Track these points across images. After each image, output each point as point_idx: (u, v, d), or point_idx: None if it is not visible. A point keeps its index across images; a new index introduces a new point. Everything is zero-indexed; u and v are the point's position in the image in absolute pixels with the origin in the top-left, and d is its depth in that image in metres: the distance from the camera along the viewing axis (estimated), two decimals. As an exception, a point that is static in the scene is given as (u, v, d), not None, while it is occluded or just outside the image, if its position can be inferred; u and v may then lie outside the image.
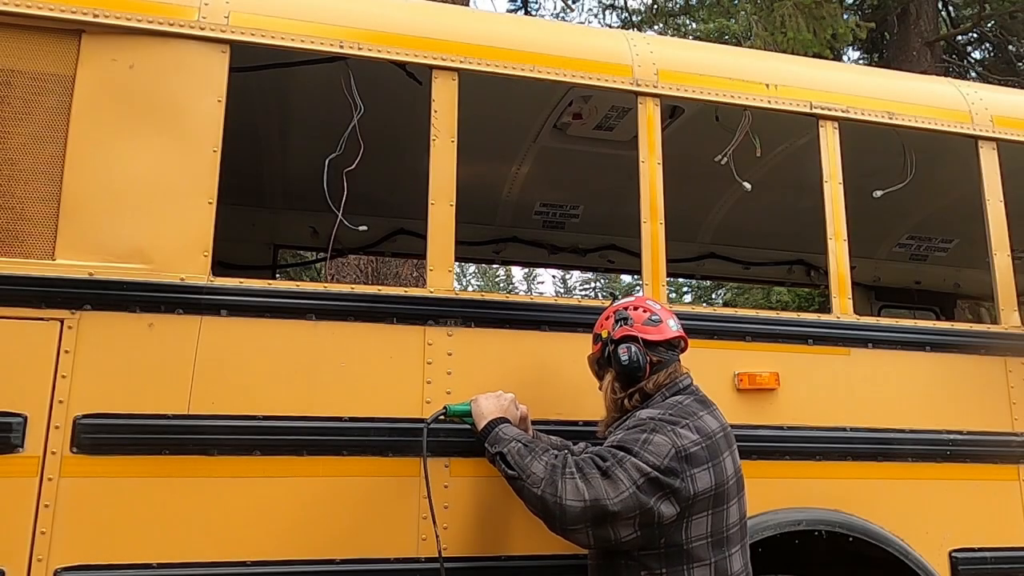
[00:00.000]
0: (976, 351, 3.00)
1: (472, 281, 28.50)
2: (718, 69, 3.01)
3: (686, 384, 2.26)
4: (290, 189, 4.20)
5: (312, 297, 2.45)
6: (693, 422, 2.11)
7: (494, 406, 2.25)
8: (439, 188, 2.59)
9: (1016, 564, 2.86)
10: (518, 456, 2.09)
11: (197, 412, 2.28)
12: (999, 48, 12.85)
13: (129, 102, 2.42)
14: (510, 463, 2.09)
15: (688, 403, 2.18)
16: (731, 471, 2.12)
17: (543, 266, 5.19)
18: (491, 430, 2.18)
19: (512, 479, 2.10)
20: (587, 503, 1.98)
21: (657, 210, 2.77)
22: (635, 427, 2.11)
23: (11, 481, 2.14)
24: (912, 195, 3.59)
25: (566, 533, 2.04)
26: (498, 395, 2.29)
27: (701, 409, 2.18)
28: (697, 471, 2.04)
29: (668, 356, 2.27)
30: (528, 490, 2.05)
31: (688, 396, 2.22)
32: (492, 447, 2.15)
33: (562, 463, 2.06)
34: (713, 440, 2.11)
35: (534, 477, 2.04)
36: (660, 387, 2.23)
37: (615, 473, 2.00)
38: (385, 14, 2.73)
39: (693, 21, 12.70)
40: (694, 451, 2.05)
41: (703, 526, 2.05)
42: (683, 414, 2.13)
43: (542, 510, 2.04)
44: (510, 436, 2.15)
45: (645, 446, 2.03)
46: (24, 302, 2.23)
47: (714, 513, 2.06)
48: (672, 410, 2.14)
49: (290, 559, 2.28)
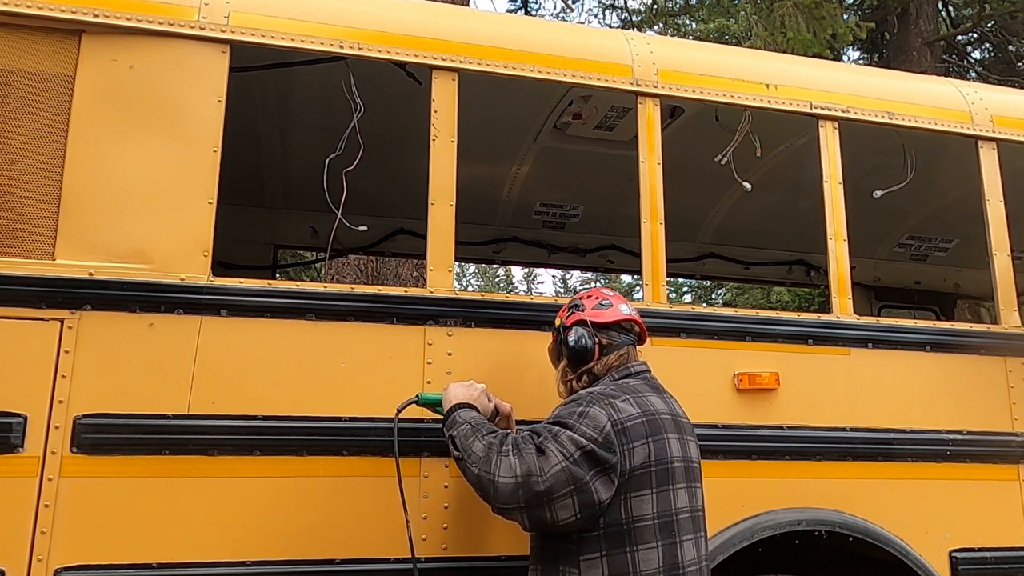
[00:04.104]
0: (976, 351, 3.00)
1: (472, 281, 28.49)
2: (718, 69, 3.01)
3: (639, 370, 2.21)
4: (290, 189, 4.21)
5: (312, 297, 2.45)
6: (634, 398, 2.06)
7: (462, 393, 2.24)
8: (439, 188, 2.59)
9: (1016, 564, 2.86)
10: (463, 437, 2.08)
11: (197, 412, 2.28)
12: (999, 48, 12.85)
13: (129, 102, 2.42)
14: (457, 445, 2.09)
15: (635, 384, 2.14)
16: (677, 454, 2.06)
17: (543, 266, 5.19)
18: (450, 414, 2.18)
19: (458, 460, 2.09)
20: (518, 479, 1.94)
21: (657, 210, 2.77)
22: (572, 401, 2.08)
23: (11, 481, 2.14)
24: (912, 195, 3.59)
25: (503, 513, 2.01)
26: (469, 384, 2.28)
27: (649, 391, 2.13)
28: (635, 444, 1.98)
29: (620, 340, 2.23)
30: (468, 470, 2.04)
31: (639, 380, 2.18)
32: (447, 431, 2.15)
33: (500, 441, 2.03)
34: (656, 417, 2.06)
35: (474, 456, 2.03)
36: (609, 368, 2.20)
37: (548, 447, 1.96)
38: (385, 14, 2.73)
39: (693, 21, 12.72)
40: (632, 424, 2.00)
41: (647, 505, 1.97)
42: (624, 390, 2.09)
43: (479, 489, 2.02)
44: (463, 419, 2.13)
45: (581, 419, 1.99)
46: (24, 302, 2.23)
47: (658, 492, 1.99)
48: (615, 387, 2.11)
49: (290, 559, 2.27)
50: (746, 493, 2.64)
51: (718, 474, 2.56)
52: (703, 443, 2.25)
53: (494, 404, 2.30)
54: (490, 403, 2.29)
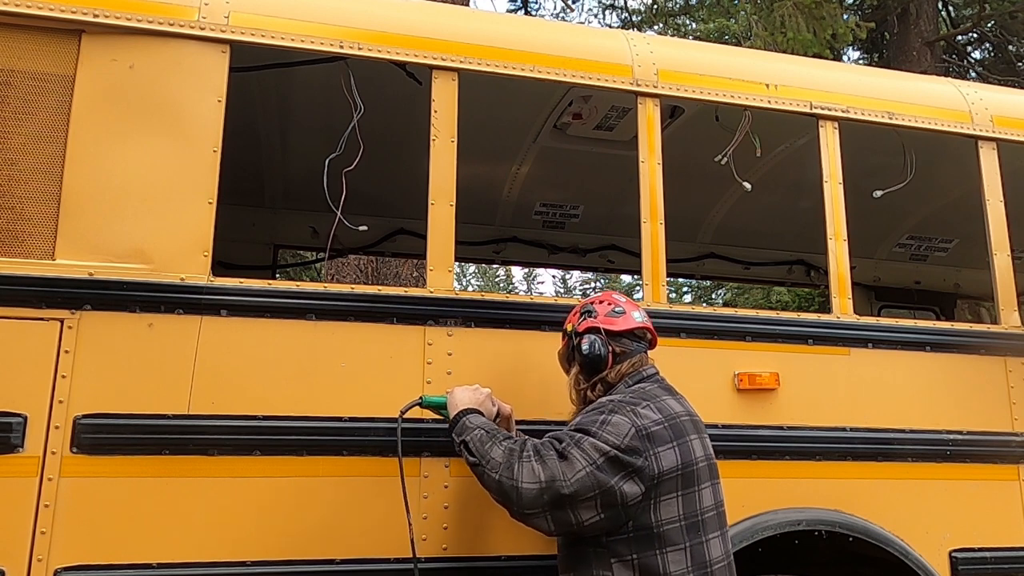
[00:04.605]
0: (976, 351, 3.00)
1: (472, 281, 28.49)
2: (718, 69, 3.01)
3: (650, 374, 2.24)
4: (290, 189, 4.21)
5: (312, 297, 2.45)
6: (654, 403, 2.09)
7: (469, 398, 2.24)
8: (439, 188, 2.59)
9: (1016, 564, 2.86)
10: (479, 443, 2.08)
11: (197, 412, 2.28)
12: (999, 48, 12.85)
13: (129, 102, 2.42)
14: (472, 450, 2.09)
15: (651, 388, 2.17)
16: (700, 454, 2.09)
17: (543, 266, 5.19)
18: (459, 420, 2.17)
19: (474, 466, 2.09)
20: (543, 484, 1.96)
21: (657, 210, 2.77)
22: (594, 410, 2.10)
23: (11, 481, 2.14)
24: (912, 195, 3.59)
25: (525, 518, 2.02)
26: (475, 388, 2.28)
27: (665, 394, 2.16)
28: (661, 449, 2.00)
29: (633, 347, 2.25)
30: (487, 475, 2.04)
31: (652, 384, 2.20)
32: (458, 436, 2.15)
33: (520, 447, 2.04)
34: (677, 421, 2.08)
35: (493, 462, 2.03)
36: (623, 376, 2.21)
37: (571, 453, 1.98)
38: (385, 14, 2.73)
39: (693, 21, 12.73)
40: (655, 430, 2.02)
41: (673, 507, 2.00)
42: (644, 396, 2.11)
43: (500, 495, 2.03)
44: (475, 425, 2.13)
45: (604, 427, 2.01)
46: (24, 302, 2.23)
47: (684, 495, 2.02)
48: (633, 394, 2.12)
49: (290, 559, 2.27)
50: (746, 493, 2.64)
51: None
52: (703, 443, 2.25)
53: (497, 408, 2.30)
54: (494, 407, 2.29)
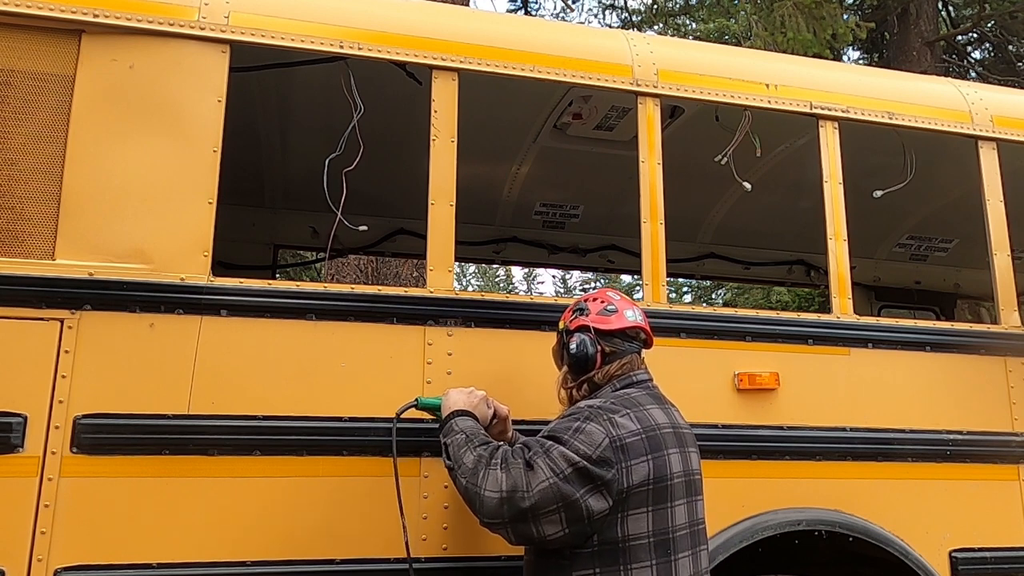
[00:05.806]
0: (976, 351, 3.00)
1: (472, 281, 28.49)
2: (718, 69, 3.01)
3: (641, 379, 2.15)
4: (290, 189, 4.21)
5: (312, 297, 2.45)
6: (635, 412, 2.00)
7: (462, 400, 2.20)
8: (439, 188, 2.59)
9: (1016, 564, 2.86)
10: (456, 447, 2.05)
11: (197, 412, 2.28)
12: (999, 48, 12.85)
13: (129, 102, 2.41)
14: (450, 454, 2.06)
15: (637, 395, 2.08)
16: (678, 469, 2.00)
17: (543, 266, 5.19)
18: (447, 422, 2.15)
19: (449, 470, 2.07)
20: (503, 494, 1.90)
21: (657, 210, 2.77)
22: (569, 415, 2.02)
23: (11, 481, 2.14)
24: (912, 195, 3.59)
25: (490, 527, 1.97)
26: (470, 391, 2.25)
27: (651, 403, 2.07)
28: (634, 462, 1.91)
29: (624, 347, 2.17)
30: (458, 480, 2.01)
31: (640, 391, 2.11)
32: (443, 438, 2.13)
33: (489, 454, 1.99)
34: (657, 433, 1.99)
35: (464, 467, 2.00)
36: (611, 378, 2.13)
37: (537, 462, 1.91)
38: (385, 14, 2.73)
39: (693, 21, 12.73)
40: (631, 441, 1.93)
41: (643, 523, 1.91)
42: (626, 404, 2.02)
43: (467, 501, 2.00)
44: (459, 428, 2.10)
45: (576, 435, 1.93)
46: (24, 302, 2.23)
47: (655, 511, 1.93)
48: (615, 400, 2.04)
49: (290, 559, 2.27)
50: (746, 493, 2.64)
51: (718, 474, 2.56)
52: (703, 443, 2.24)
53: (493, 410, 2.28)
54: (489, 410, 2.26)
